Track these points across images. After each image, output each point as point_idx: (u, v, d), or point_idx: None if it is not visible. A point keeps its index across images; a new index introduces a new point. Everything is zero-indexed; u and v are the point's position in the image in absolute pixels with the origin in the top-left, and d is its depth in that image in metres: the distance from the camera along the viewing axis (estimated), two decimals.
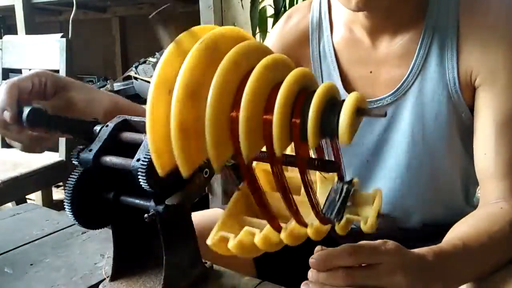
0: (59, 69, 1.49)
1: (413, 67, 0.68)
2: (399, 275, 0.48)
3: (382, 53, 0.71)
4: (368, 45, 0.72)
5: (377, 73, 0.71)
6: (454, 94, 0.67)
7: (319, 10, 0.77)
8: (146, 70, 1.79)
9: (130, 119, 0.53)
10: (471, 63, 0.65)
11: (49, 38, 1.54)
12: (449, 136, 0.69)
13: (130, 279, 0.53)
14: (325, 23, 0.76)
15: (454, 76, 0.66)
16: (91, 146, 0.50)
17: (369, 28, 0.70)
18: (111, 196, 0.51)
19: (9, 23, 2.59)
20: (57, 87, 0.61)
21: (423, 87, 0.68)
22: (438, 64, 0.67)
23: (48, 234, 0.71)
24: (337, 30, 0.75)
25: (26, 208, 0.83)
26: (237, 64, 0.36)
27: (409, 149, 0.70)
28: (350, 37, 0.73)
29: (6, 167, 1.39)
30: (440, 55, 0.67)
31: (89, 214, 0.51)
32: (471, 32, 0.65)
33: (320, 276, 0.48)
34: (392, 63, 0.70)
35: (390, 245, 0.49)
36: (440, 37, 0.67)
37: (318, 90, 0.34)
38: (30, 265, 0.61)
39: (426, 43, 0.68)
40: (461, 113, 0.68)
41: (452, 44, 0.66)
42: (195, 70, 0.35)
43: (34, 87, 0.59)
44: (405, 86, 0.69)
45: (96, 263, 0.61)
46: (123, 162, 0.48)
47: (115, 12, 2.42)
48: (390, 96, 0.70)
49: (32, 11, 1.97)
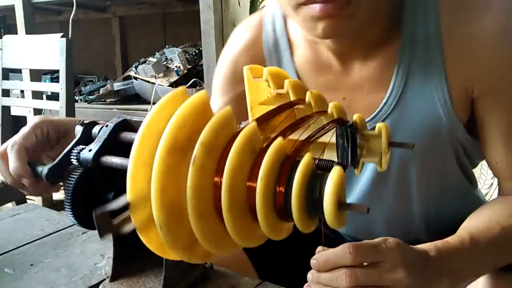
0: (59, 69, 1.49)
1: (392, 89, 0.60)
2: (401, 272, 0.47)
3: (355, 78, 0.63)
4: (338, 69, 0.63)
5: (351, 99, 0.63)
6: (446, 114, 0.59)
7: (273, 28, 0.67)
8: (146, 70, 1.79)
9: (130, 119, 0.53)
10: (463, 76, 0.58)
11: (49, 38, 1.54)
12: (442, 158, 0.64)
13: (130, 279, 0.53)
14: (283, 43, 0.66)
15: (444, 94, 0.58)
16: (91, 146, 0.50)
17: (337, 51, 0.62)
18: (111, 196, 0.51)
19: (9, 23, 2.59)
20: (59, 133, 0.60)
21: (405, 111, 0.60)
22: (422, 83, 0.59)
23: (48, 234, 0.71)
24: (298, 50, 0.66)
25: (26, 208, 0.83)
26: (210, 150, 0.33)
27: (398, 178, 0.65)
28: (315, 60, 0.64)
29: None
30: (423, 72, 0.59)
31: (89, 214, 0.51)
32: (457, 42, 0.57)
33: (322, 277, 0.48)
34: (368, 88, 0.62)
35: (391, 243, 0.49)
36: (421, 52, 0.58)
37: (298, 170, 0.32)
38: (30, 265, 0.61)
39: (405, 61, 0.59)
40: (456, 132, 0.61)
41: (436, 58, 0.58)
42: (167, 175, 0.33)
43: (38, 139, 0.58)
44: (384, 112, 0.61)
45: (96, 263, 0.61)
46: (123, 162, 0.48)
47: (115, 12, 2.42)
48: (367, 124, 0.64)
49: (32, 11, 1.97)
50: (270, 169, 0.32)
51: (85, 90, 2.08)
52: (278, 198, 0.33)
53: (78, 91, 2.10)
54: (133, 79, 1.90)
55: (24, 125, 0.60)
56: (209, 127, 0.33)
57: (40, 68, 1.70)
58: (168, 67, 1.80)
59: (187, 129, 0.34)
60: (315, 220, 0.34)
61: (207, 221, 0.33)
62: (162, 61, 1.79)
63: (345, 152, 0.42)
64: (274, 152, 0.33)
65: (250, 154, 0.33)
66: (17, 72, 1.88)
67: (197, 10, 1.55)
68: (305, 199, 0.32)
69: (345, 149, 0.42)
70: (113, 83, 2.02)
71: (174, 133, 0.33)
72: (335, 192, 0.31)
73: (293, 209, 0.32)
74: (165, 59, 1.82)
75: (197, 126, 0.34)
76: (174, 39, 2.13)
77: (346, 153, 0.42)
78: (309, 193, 0.32)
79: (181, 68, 1.76)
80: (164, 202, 0.33)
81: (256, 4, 1.64)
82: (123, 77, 2.11)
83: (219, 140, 0.33)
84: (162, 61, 1.79)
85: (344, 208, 0.32)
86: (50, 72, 2.03)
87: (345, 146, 0.42)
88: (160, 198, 0.33)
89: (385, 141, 0.41)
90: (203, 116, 0.35)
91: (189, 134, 0.34)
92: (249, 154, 0.33)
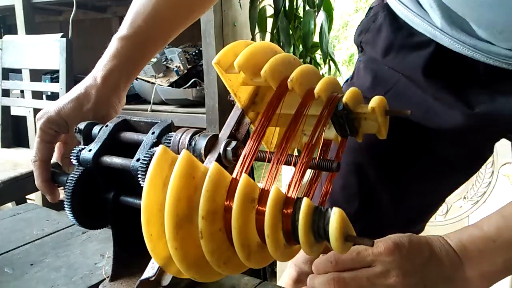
0: (59, 69, 1.49)
1: None
2: (393, 277, 0.47)
3: None
4: None
5: None
6: None
7: None
8: (146, 70, 1.79)
9: (129, 119, 0.53)
10: None
11: (49, 38, 1.54)
12: None
13: (130, 279, 0.53)
14: None
15: None
16: (91, 146, 0.50)
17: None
18: (111, 196, 0.51)
19: (9, 23, 2.59)
20: (64, 126, 0.60)
21: None
22: None
23: (48, 234, 0.71)
24: None
25: (26, 208, 0.83)
26: (213, 216, 0.35)
27: None
28: None
29: (6, 167, 1.39)
30: None
31: (89, 214, 0.51)
32: None
33: (316, 281, 0.49)
34: None
35: (381, 246, 0.48)
36: None
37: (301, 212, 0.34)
38: (30, 265, 0.61)
39: None
40: None
41: None
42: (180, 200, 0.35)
43: (52, 143, 0.60)
44: None
45: (96, 263, 0.61)
46: (123, 162, 0.48)
47: (115, 12, 2.41)
48: None
49: (32, 11, 1.97)
50: (274, 224, 0.34)
51: None
52: (287, 237, 0.35)
53: None
54: None
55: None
56: (204, 197, 0.34)
57: (40, 68, 1.70)
58: (168, 67, 1.80)
59: (184, 201, 0.35)
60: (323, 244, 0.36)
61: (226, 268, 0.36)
62: (162, 61, 1.79)
63: (343, 127, 0.42)
64: (273, 204, 0.34)
65: (250, 207, 0.34)
66: (17, 72, 1.88)
67: None
68: (312, 237, 0.34)
69: (342, 124, 0.42)
70: None
71: (174, 210, 0.34)
72: (340, 234, 0.32)
73: (302, 245, 0.34)
74: (165, 59, 1.82)
75: (192, 191, 0.35)
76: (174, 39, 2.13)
77: (344, 128, 0.42)
78: (314, 232, 0.34)
79: (181, 68, 1.76)
80: (189, 262, 0.36)
81: (256, 4, 1.64)
82: None
83: (218, 202, 0.35)
84: (162, 61, 1.79)
85: (350, 241, 0.33)
86: (50, 72, 2.03)
87: (341, 123, 0.42)
88: (185, 262, 0.35)
89: (380, 117, 0.40)
90: (192, 175, 0.36)
91: (188, 204, 0.35)
92: (249, 206, 0.34)
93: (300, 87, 0.41)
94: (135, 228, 0.53)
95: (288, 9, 1.69)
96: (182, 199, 0.35)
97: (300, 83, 0.41)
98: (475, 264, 0.50)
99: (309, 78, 0.42)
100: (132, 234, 0.54)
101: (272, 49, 0.46)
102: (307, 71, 0.42)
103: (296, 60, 0.44)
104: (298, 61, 0.45)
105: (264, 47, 0.45)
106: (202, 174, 0.36)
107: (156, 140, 0.47)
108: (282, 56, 0.43)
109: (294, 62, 0.44)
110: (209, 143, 0.45)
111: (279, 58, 0.42)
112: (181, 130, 0.47)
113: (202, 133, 0.46)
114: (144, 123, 0.52)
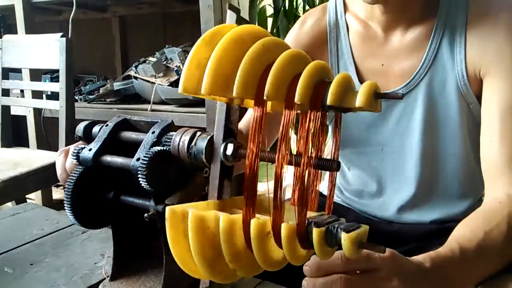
0: (59, 68, 1.49)
1: (425, 60, 0.72)
2: (396, 281, 0.47)
3: (394, 47, 0.75)
4: (381, 39, 0.76)
5: (389, 66, 0.76)
6: (463, 86, 0.70)
7: (335, 12, 0.82)
8: (146, 70, 1.79)
9: (129, 119, 0.53)
10: (476, 55, 0.68)
11: (49, 37, 1.54)
12: (458, 124, 0.73)
13: (130, 279, 0.53)
14: (342, 23, 0.81)
15: (462, 69, 0.69)
16: (91, 145, 0.50)
17: (384, 23, 0.75)
18: (111, 196, 0.51)
19: (9, 23, 2.58)
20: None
21: (434, 79, 0.72)
22: (448, 58, 0.71)
23: (48, 233, 0.71)
24: (353, 28, 0.80)
25: (26, 208, 0.83)
26: (259, 56, 0.37)
27: (422, 137, 0.74)
28: (365, 33, 0.78)
29: (6, 167, 1.39)
30: (450, 49, 0.70)
31: (89, 214, 0.51)
32: (476, 24, 0.69)
33: (317, 282, 0.48)
34: (403, 57, 0.74)
35: (385, 253, 0.48)
36: (450, 31, 0.71)
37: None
38: (30, 265, 0.61)
39: (437, 38, 0.71)
40: (470, 104, 0.71)
41: (461, 38, 0.70)
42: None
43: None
44: (417, 79, 0.73)
45: (96, 263, 0.61)
46: (123, 162, 0.48)
47: (115, 12, 2.41)
48: (403, 88, 0.74)
49: (32, 11, 1.96)
50: (292, 251, 0.37)
51: (85, 90, 2.08)
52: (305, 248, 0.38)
53: (78, 91, 2.10)
54: (133, 78, 1.89)
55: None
56: (224, 248, 0.37)
57: (40, 67, 1.70)
58: (168, 67, 1.80)
59: (208, 248, 0.38)
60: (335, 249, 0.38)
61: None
62: (162, 61, 1.79)
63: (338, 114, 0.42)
64: (286, 237, 0.36)
65: (266, 239, 0.37)
66: (17, 71, 1.88)
67: (197, 10, 1.54)
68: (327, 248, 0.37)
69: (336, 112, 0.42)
70: (113, 83, 2.01)
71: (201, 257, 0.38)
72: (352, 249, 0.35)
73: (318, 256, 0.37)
74: (165, 59, 1.82)
75: (211, 238, 0.39)
76: (174, 39, 2.13)
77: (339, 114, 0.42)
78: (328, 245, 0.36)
79: (181, 67, 1.76)
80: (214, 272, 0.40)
81: (256, 4, 1.64)
82: (123, 77, 2.10)
83: (237, 244, 0.38)
84: (162, 61, 1.79)
85: (362, 248, 0.35)
86: (50, 71, 2.02)
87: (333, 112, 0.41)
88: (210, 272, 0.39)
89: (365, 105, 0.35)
90: (206, 227, 0.39)
91: (212, 251, 0.39)
92: (265, 239, 0.37)
93: (279, 94, 0.37)
94: (135, 228, 0.53)
95: (288, 9, 1.69)
96: (206, 247, 0.38)
97: (277, 90, 0.36)
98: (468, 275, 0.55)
99: (290, 71, 0.37)
100: (132, 233, 0.54)
101: (241, 46, 0.39)
102: (284, 64, 0.37)
103: (269, 45, 0.38)
104: (271, 44, 0.39)
105: (230, 50, 0.39)
106: (215, 223, 0.38)
107: (156, 140, 0.47)
108: (252, 56, 0.38)
109: (266, 55, 0.38)
110: (208, 149, 0.45)
111: (249, 63, 0.37)
112: (180, 130, 0.47)
113: (200, 136, 0.46)
114: (144, 123, 0.52)
